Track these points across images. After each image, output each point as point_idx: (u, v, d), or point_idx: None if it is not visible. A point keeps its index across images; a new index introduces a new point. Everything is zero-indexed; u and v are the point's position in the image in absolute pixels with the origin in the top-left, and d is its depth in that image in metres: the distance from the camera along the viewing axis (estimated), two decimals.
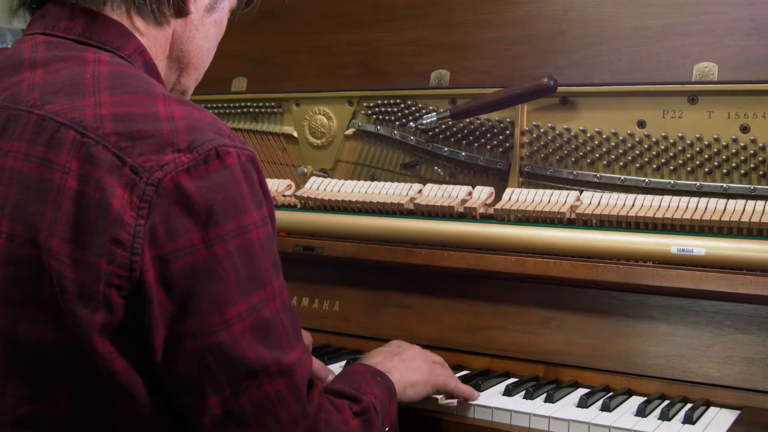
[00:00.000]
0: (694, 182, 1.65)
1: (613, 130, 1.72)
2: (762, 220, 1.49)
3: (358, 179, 1.95)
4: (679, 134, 1.66)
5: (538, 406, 1.40)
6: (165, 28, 1.15)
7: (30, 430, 0.99)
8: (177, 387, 1.00)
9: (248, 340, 0.99)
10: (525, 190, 1.72)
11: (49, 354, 0.97)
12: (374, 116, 2.00)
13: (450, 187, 1.80)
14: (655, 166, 1.68)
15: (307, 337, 1.48)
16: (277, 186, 2.00)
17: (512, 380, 1.54)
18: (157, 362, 0.97)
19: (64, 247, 0.94)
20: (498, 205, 1.70)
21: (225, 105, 2.20)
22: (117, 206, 0.93)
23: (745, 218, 1.50)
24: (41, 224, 0.96)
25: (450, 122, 1.87)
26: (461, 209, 1.74)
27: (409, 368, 1.36)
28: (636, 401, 1.43)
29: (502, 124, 1.84)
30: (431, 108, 1.91)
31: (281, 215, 1.92)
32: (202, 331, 0.96)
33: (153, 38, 1.15)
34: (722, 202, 1.55)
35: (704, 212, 1.54)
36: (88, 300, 0.94)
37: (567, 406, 1.40)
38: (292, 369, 1.02)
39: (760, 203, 1.52)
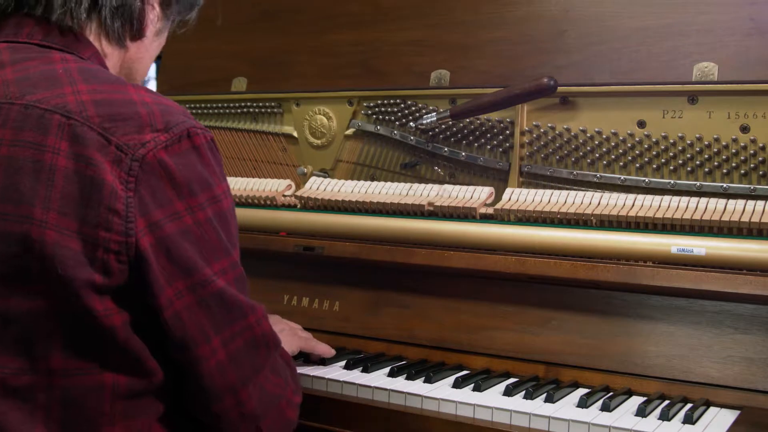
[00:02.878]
0: (694, 182, 1.64)
1: (613, 130, 1.72)
2: (762, 220, 1.49)
3: (358, 179, 1.95)
4: (679, 134, 1.66)
5: (538, 406, 1.40)
6: (122, 50, 1.27)
7: (27, 401, 1.06)
8: (184, 339, 1.10)
9: (236, 289, 1.15)
10: (525, 190, 1.72)
11: (41, 324, 1.05)
12: (374, 116, 2.00)
13: (451, 187, 1.80)
14: (655, 166, 1.68)
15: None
16: (277, 186, 2.00)
17: (512, 380, 1.54)
18: (166, 319, 1.09)
19: (62, 220, 1.04)
20: (498, 205, 1.70)
21: (225, 105, 2.20)
22: (110, 180, 1.05)
23: (745, 218, 1.50)
24: (35, 201, 1.04)
25: (450, 122, 1.87)
26: (461, 209, 1.74)
27: (285, 340, 1.49)
28: (636, 401, 1.43)
29: (502, 124, 1.84)
30: (431, 108, 1.91)
31: (281, 215, 1.92)
32: (202, 283, 1.11)
33: (112, 59, 1.27)
34: (722, 202, 1.55)
35: (704, 212, 1.54)
36: (86, 266, 1.04)
37: (567, 406, 1.40)
38: (265, 312, 1.21)
39: (760, 203, 1.52)
